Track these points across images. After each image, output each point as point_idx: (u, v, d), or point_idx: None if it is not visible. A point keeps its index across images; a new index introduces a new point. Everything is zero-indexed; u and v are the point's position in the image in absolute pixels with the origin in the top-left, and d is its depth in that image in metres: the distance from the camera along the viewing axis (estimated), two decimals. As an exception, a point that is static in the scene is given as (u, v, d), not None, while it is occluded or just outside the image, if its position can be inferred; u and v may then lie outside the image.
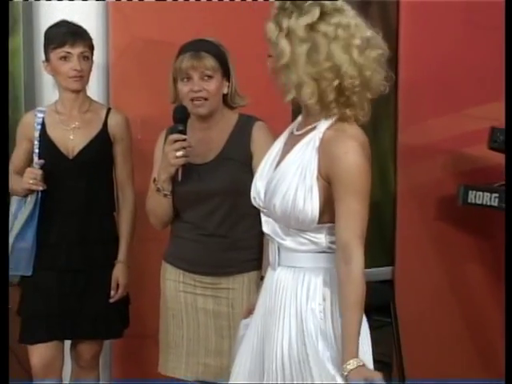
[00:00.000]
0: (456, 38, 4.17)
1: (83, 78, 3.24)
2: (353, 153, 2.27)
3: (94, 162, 3.26)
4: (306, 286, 2.37)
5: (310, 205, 2.31)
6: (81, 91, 3.28)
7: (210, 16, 3.64)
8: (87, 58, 3.24)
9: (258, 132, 2.97)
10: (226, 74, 2.98)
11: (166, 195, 2.94)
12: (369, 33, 2.31)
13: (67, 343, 3.38)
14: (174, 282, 3.02)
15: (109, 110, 3.34)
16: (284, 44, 2.29)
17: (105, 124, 3.29)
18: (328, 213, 2.32)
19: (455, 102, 4.21)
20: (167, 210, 2.98)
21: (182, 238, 3.02)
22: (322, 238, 2.35)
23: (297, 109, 2.46)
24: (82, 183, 3.24)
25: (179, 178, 2.90)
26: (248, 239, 2.96)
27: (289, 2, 2.31)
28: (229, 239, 2.96)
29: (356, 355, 2.23)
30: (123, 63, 3.62)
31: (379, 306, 4.26)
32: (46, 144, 3.25)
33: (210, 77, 2.94)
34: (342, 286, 2.27)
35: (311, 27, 2.27)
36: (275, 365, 2.37)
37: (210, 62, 2.93)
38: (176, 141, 2.88)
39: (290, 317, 2.37)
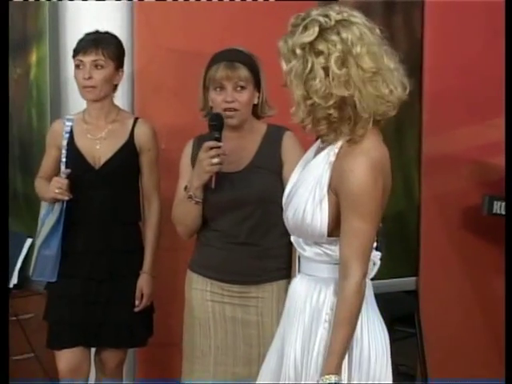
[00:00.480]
0: (481, 47, 4.16)
1: (96, 88, 3.21)
2: (359, 170, 2.25)
3: (119, 172, 3.26)
4: (316, 295, 2.38)
5: (319, 219, 2.31)
6: (100, 101, 3.26)
7: (236, 25, 3.65)
8: (101, 66, 3.21)
9: (288, 141, 2.97)
10: (257, 84, 2.98)
11: (197, 202, 2.93)
12: (375, 45, 2.27)
13: (93, 349, 3.38)
14: (200, 291, 3.01)
15: (136, 119, 3.33)
16: (283, 63, 2.30)
17: (131, 134, 3.28)
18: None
19: (480, 111, 4.20)
20: (196, 218, 2.98)
21: (210, 246, 3.01)
22: (335, 251, 2.35)
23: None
24: (108, 193, 3.25)
25: (213, 185, 2.90)
26: (278, 248, 2.96)
27: (299, 18, 2.29)
28: (259, 248, 2.96)
29: (335, 371, 2.24)
30: (149, 72, 3.63)
31: (403, 316, 4.25)
32: (73, 153, 3.26)
33: (242, 87, 2.94)
34: (337, 300, 2.29)
35: (310, 45, 2.25)
36: (285, 371, 2.39)
37: (244, 72, 2.94)
38: (211, 148, 2.88)
39: (299, 324, 2.38)
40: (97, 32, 3.29)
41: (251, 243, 2.95)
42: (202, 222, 3.00)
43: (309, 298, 2.39)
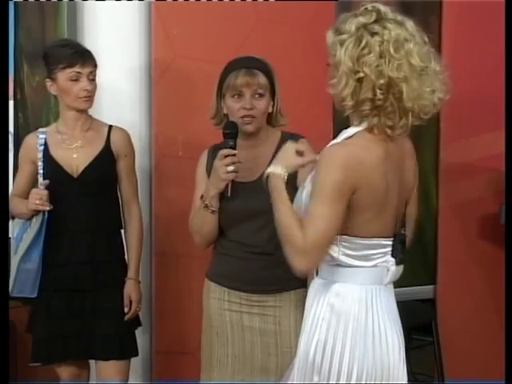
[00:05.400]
0: (499, 55, 4.14)
1: (91, 97, 3.22)
2: (328, 161, 2.29)
3: (98, 179, 3.24)
4: (316, 299, 2.41)
5: None
6: (85, 111, 3.26)
7: (251, 34, 3.65)
8: (94, 78, 3.22)
9: None
10: (272, 92, 2.98)
11: (213, 211, 2.92)
12: (420, 57, 2.31)
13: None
14: (218, 301, 3.01)
15: (110, 127, 3.30)
16: (337, 47, 2.31)
17: (107, 141, 3.26)
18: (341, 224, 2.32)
19: (498, 119, 4.18)
20: (213, 228, 2.97)
21: (227, 255, 3.00)
22: (336, 250, 2.36)
23: (338, 127, 2.47)
24: (88, 201, 3.21)
25: (228, 193, 2.89)
26: None
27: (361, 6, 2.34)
28: (276, 256, 2.93)
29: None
30: (166, 81, 3.64)
31: (421, 325, 4.24)
32: (50, 164, 3.23)
33: (261, 95, 2.93)
34: None
35: (364, 27, 2.29)
36: (290, 372, 2.46)
37: (263, 79, 2.93)
38: (227, 156, 2.88)
39: (303, 329, 2.42)
40: (74, 42, 3.31)
41: (268, 252, 2.93)
42: (218, 232, 3.00)
43: (315, 302, 2.42)
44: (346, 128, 2.40)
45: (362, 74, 2.27)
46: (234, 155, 2.88)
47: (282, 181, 2.40)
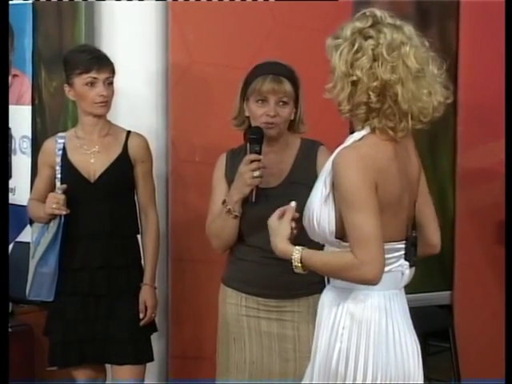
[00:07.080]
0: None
1: (108, 103, 3.23)
2: (344, 162, 2.27)
3: (115, 184, 3.25)
4: (335, 308, 2.40)
5: (326, 216, 2.33)
6: (102, 116, 3.27)
7: (268, 39, 3.66)
8: (111, 83, 3.22)
9: (323, 157, 2.92)
10: (296, 100, 2.97)
11: (235, 217, 2.91)
12: (423, 50, 2.32)
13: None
14: (235, 306, 3.00)
15: (129, 132, 3.31)
16: (333, 52, 2.33)
17: (125, 147, 3.27)
18: None
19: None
20: (233, 233, 2.96)
21: (246, 261, 2.99)
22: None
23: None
24: (105, 206, 3.22)
25: (253, 198, 2.89)
26: None
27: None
28: None
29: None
30: (183, 86, 3.65)
31: (438, 331, 4.23)
32: (68, 169, 3.24)
33: (285, 103, 2.93)
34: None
35: (359, 31, 2.30)
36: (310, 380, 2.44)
37: (288, 87, 2.93)
38: (252, 161, 2.88)
39: (319, 338, 2.41)
40: (92, 48, 3.33)
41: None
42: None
43: (333, 310, 2.40)
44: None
45: (355, 78, 2.28)
46: (260, 160, 2.87)
47: (290, 248, 2.40)
